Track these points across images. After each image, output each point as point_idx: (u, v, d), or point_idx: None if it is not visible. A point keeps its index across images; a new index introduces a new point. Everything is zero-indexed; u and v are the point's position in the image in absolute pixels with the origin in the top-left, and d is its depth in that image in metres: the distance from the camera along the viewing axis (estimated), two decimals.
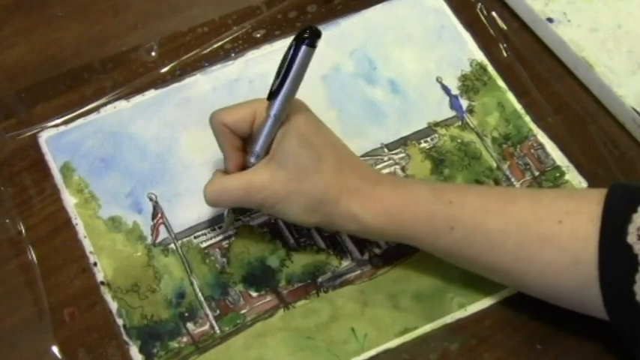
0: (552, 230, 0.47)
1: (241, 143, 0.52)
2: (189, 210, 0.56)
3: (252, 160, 0.51)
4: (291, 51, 0.48)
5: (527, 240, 0.47)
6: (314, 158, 0.49)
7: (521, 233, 0.48)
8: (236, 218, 0.56)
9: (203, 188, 0.52)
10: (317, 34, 0.47)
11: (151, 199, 0.57)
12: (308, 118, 0.51)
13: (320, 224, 0.51)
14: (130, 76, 0.61)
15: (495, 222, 0.48)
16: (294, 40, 0.47)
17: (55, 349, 0.52)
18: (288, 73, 0.48)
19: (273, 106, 0.49)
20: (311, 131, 0.50)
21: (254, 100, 0.52)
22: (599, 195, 0.47)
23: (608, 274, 0.45)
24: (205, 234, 0.56)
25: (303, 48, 0.47)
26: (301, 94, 0.61)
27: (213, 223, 0.56)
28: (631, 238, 0.45)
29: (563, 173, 0.59)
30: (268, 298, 0.54)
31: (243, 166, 0.52)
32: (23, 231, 0.56)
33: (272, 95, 0.49)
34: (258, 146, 0.50)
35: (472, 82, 0.62)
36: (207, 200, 0.52)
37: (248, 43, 0.63)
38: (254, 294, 0.54)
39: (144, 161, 0.58)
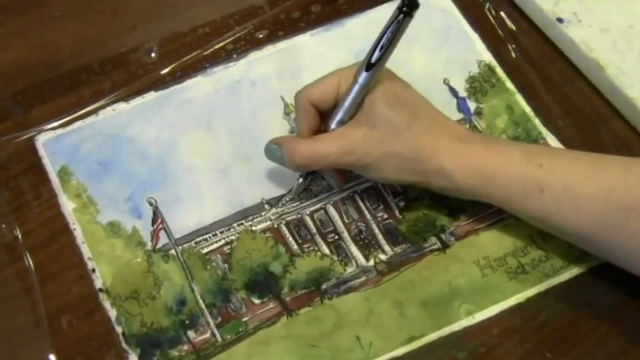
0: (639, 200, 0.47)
1: (319, 123, 0.54)
2: (189, 215, 0.56)
3: (333, 126, 0.52)
4: (396, 24, 0.48)
5: (615, 208, 0.47)
6: (404, 117, 0.51)
7: (610, 200, 0.47)
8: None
9: (288, 153, 0.52)
10: (416, 5, 0.48)
11: (150, 204, 0.56)
12: (393, 79, 0.53)
13: (415, 183, 0.53)
14: (130, 77, 0.61)
15: (585, 187, 0.48)
16: (400, 12, 0.48)
17: (52, 357, 0.51)
18: (391, 44, 0.49)
19: (365, 75, 0.50)
20: (398, 92, 0.52)
21: (336, 72, 0.53)
22: None
23: None
24: (206, 239, 0.55)
25: (405, 19, 0.48)
26: None
27: (215, 228, 0.55)
28: None
29: None
30: (271, 305, 0.53)
31: None
32: (20, 236, 0.55)
33: (371, 66, 0.50)
34: (343, 112, 0.52)
35: (480, 84, 0.61)
36: (298, 165, 0.53)
37: (250, 43, 0.63)
38: (256, 301, 0.54)
39: (143, 165, 0.57)
